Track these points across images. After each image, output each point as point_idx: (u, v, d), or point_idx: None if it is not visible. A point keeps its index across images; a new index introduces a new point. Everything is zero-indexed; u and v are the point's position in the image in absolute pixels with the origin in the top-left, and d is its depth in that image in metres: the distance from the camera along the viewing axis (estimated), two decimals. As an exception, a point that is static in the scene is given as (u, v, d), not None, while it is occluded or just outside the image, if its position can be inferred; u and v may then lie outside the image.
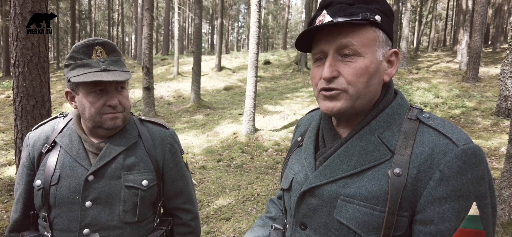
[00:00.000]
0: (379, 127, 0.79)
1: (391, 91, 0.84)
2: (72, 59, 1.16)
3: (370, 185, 0.75)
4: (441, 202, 0.70)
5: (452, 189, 0.69)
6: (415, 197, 0.72)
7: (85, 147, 1.22)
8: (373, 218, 0.74)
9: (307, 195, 0.84)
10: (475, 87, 10.67)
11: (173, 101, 12.61)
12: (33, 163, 1.25)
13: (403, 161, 0.73)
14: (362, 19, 0.75)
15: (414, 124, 0.78)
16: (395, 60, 0.83)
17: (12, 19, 2.90)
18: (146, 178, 1.24)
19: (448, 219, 0.69)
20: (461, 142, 0.71)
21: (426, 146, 0.73)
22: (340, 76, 0.78)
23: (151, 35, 9.49)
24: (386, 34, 0.80)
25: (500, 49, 18.63)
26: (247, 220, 4.06)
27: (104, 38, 1.20)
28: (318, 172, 0.83)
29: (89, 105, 1.16)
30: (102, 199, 1.19)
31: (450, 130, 0.74)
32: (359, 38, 0.76)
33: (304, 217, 0.86)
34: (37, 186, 1.18)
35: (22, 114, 3.00)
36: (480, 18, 10.63)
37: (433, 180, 0.71)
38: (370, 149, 0.78)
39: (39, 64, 3.01)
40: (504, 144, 6.17)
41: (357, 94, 0.77)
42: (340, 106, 0.78)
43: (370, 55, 0.77)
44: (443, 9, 37.67)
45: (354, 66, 0.76)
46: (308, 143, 0.92)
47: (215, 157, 6.78)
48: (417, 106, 0.83)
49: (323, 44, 0.79)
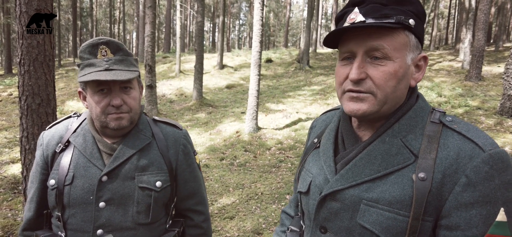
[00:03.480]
0: (402, 130, 0.78)
1: (415, 94, 0.83)
2: (81, 59, 1.17)
3: (394, 189, 0.74)
4: (468, 207, 0.69)
5: (480, 194, 0.68)
6: (440, 202, 0.71)
7: (99, 147, 1.22)
8: (397, 222, 0.73)
9: (328, 199, 0.83)
10: (478, 86, 10.63)
11: (175, 99, 12.61)
12: (47, 162, 1.24)
13: (428, 165, 0.72)
14: (396, 23, 0.73)
15: (437, 127, 0.77)
16: (423, 65, 0.81)
17: (18, 18, 2.89)
18: (160, 179, 1.24)
19: (475, 225, 0.68)
20: (487, 146, 0.70)
21: (451, 150, 0.72)
22: (368, 79, 0.76)
23: (153, 33, 9.48)
24: (417, 39, 0.78)
25: (503, 47, 18.57)
26: (251, 219, 4.06)
27: (110, 38, 1.19)
28: (340, 176, 0.82)
29: (95, 105, 1.16)
30: (116, 200, 1.18)
31: (476, 134, 0.73)
32: (391, 42, 0.74)
33: (325, 221, 0.85)
34: (51, 185, 1.18)
35: (28, 113, 3.00)
36: (484, 16, 10.59)
37: (458, 185, 0.70)
38: (393, 153, 0.77)
39: (45, 62, 3.00)
40: (508, 143, 6.15)
41: (384, 99, 0.76)
42: (366, 109, 0.77)
43: (400, 60, 0.75)
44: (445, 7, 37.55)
45: (383, 70, 0.75)
46: (326, 145, 0.90)
47: (218, 155, 6.78)
48: (440, 109, 0.82)
49: (352, 44, 0.77)
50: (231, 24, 44.30)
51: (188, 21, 40.76)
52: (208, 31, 51.16)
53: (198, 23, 11.68)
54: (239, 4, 46.91)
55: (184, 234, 1.39)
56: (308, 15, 16.74)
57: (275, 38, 53.47)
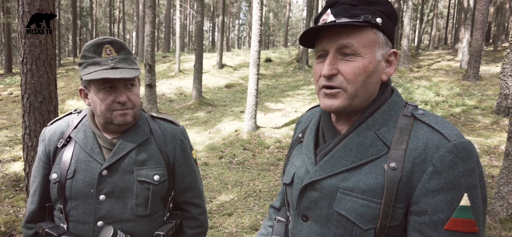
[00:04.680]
0: (376, 123, 0.83)
1: (388, 89, 0.88)
2: (84, 58, 1.21)
3: (368, 178, 0.80)
4: (434, 193, 0.74)
5: (445, 181, 0.73)
6: (410, 190, 0.77)
7: (99, 143, 1.27)
8: (371, 209, 0.78)
9: (308, 189, 0.89)
10: (475, 85, 10.70)
11: (175, 98, 12.66)
12: (49, 157, 1.29)
13: (399, 155, 0.77)
14: (363, 21, 0.79)
15: (409, 120, 0.82)
16: (394, 60, 0.86)
17: (21, 17, 2.95)
18: (158, 173, 1.29)
19: (441, 210, 0.73)
20: (452, 137, 0.75)
21: (420, 141, 0.77)
22: (339, 74, 0.81)
23: (153, 33, 9.53)
24: (386, 36, 0.84)
25: (501, 47, 18.62)
26: (249, 216, 4.13)
27: (114, 37, 1.25)
28: (319, 167, 0.87)
29: (99, 102, 1.21)
30: (116, 193, 1.24)
31: (443, 126, 0.78)
32: (359, 39, 0.80)
33: (306, 210, 0.90)
34: (54, 179, 1.23)
35: (30, 111, 3.06)
36: (482, 16, 10.64)
37: (426, 173, 0.75)
38: (368, 144, 0.82)
39: (47, 61, 3.06)
40: (503, 142, 6.22)
41: (355, 93, 0.81)
42: (338, 104, 0.82)
43: (369, 56, 0.81)
44: (444, 7, 37.60)
45: (353, 65, 0.80)
46: (308, 139, 0.96)
47: (217, 153, 6.84)
48: (412, 103, 0.87)
49: (325, 42, 0.83)
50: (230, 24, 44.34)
51: (188, 20, 40.78)
52: (207, 30, 51.19)
53: (198, 23, 11.73)
54: (239, 3, 46.93)
55: (181, 226, 1.44)
56: (307, 15, 16.79)
57: (275, 37, 53.49)
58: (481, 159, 5.81)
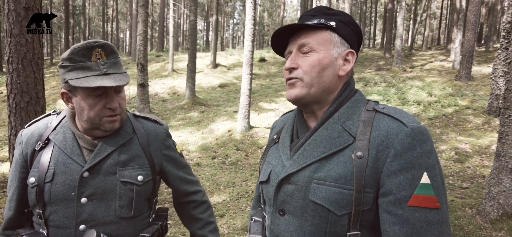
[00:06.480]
0: (341, 117, 0.93)
1: (351, 88, 0.99)
2: (70, 61, 1.15)
3: (338, 167, 0.87)
4: (397, 174, 0.81)
5: (405, 162, 0.81)
6: (377, 174, 0.84)
7: (79, 144, 1.23)
8: (343, 196, 0.85)
9: (284, 183, 0.95)
10: (468, 86, 10.79)
11: (168, 98, 12.59)
12: (26, 160, 1.25)
13: (364, 145, 0.85)
14: (317, 23, 0.94)
15: (371, 113, 0.91)
16: (351, 59, 0.98)
17: (6, 16, 2.89)
18: (141, 173, 1.26)
19: (404, 188, 0.80)
20: (410, 123, 0.84)
21: (382, 129, 0.86)
22: (299, 68, 0.95)
23: (146, 32, 9.45)
24: (341, 37, 0.96)
25: (493, 48, 18.82)
26: (241, 217, 4.10)
27: (103, 40, 1.20)
28: (293, 160, 0.94)
29: (88, 108, 1.17)
30: (98, 195, 1.20)
31: (402, 115, 0.88)
32: (314, 38, 0.94)
33: (282, 204, 0.96)
34: (31, 183, 1.19)
35: (16, 111, 3.00)
36: (473, 17, 10.74)
37: (389, 157, 0.83)
38: (335, 136, 0.90)
39: (34, 61, 3.00)
40: (495, 142, 6.27)
41: (311, 82, 0.93)
42: (297, 93, 0.94)
43: (324, 52, 0.94)
44: (437, 8, 37.92)
45: (309, 59, 0.94)
46: (284, 137, 1.04)
47: (210, 154, 6.80)
48: (373, 100, 0.97)
49: (290, 45, 0.99)
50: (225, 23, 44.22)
51: (181, 20, 40.63)
52: (202, 30, 51.03)
53: (191, 22, 11.67)
54: (233, 3, 46.84)
55: (166, 227, 1.41)
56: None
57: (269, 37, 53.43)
58: (473, 159, 5.85)
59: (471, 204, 4.07)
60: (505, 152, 3.49)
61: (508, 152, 3.48)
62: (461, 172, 5.35)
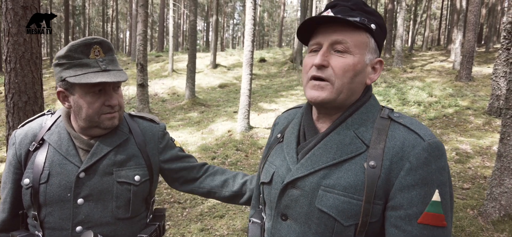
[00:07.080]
0: (355, 123, 0.88)
1: (369, 93, 0.94)
2: (68, 58, 1.13)
3: (348, 175, 0.83)
4: (410, 188, 0.78)
5: (419, 177, 0.78)
6: (388, 186, 0.80)
7: (75, 144, 1.20)
8: (351, 206, 0.81)
9: (289, 187, 0.90)
10: (468, 86, 10.77)
11: (167, 98, 12.56)
12: (20, 161, 1.22)
13: (377, 154, 0.81)
14: (360, 22, 0.84)
15: (386, 121, 0.87)
16: (379, 68, 0.93)
17: (4, 14, 2.86)
18: (138, 173, 1.24)
19: (416, 204, 0.78)
20: (427, 137, 0.81)
21: (397, 140, 0.82)
22: (330, 67, 0.85)
23: (145, 32, 9.43)
24: (376, 43, 0.90)
25: (493, 48, 18.81)
26: (241, 218, 4.07)
27: (101, 37, 1.19)
28: (300, 164, 0.89)
29: (87, 105, 1.15)
30: (94, 196, 1.18)
31: (418, 127, 0.84)
32: (352, 39, 0.85)
33: (285, 208, 0.91)
34: (26, 184, 1.16)
35: (14, 111, 2.97)
36: (474, 17, 10.72)
37: (403, 170, 0.79)
38: (347, 142, 0.85)
39: (32, 60, 2.97)
40: (495, 143, 6.24)
41: (341, 88, 0.85)
42: (324, 96, 0.86)
43: (359, 56, 0.86)
44: (437, 8, 37.93)
45: (343, 61, 0.84)
46: (290, 138, 0.98)
47: (209, 154, 6.77)
48: (388, 107, 0.92)
49: (320, 37, 0.88)
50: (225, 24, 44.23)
51: (181, 20, 40.61)
52: (202, 30, 51.02)
53: (191, 22, 11.65)
54: (233, 3, 46.83)
55: (164, 228, 1.39)
56: (301, 15, 16.81)
57: (269, 37, 53.54)
58: (474, 159, 5.83)
59: (473, 205, 4.04)
60: (507, 153, 3.47)
61: (510, 153, 3.45)
62: (462, 173, 5.33)
